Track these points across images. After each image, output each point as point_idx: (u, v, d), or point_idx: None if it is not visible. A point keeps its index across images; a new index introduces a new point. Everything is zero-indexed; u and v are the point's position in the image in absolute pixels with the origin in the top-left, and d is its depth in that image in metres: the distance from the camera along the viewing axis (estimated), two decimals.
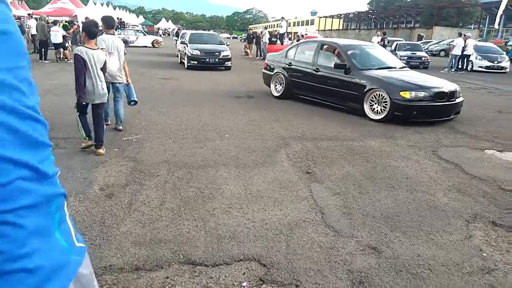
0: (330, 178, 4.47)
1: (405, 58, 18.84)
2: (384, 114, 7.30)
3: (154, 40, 30.81)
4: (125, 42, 28.33)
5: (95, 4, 38.09)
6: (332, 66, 8.32)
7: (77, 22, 25.41)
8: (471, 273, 2.74)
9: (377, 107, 7.48)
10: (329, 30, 55.04)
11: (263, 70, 10.54)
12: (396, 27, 49.83)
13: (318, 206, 3.72)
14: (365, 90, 7.61)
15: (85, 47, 4.75)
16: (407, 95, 7.12)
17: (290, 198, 3.89)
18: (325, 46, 9.20)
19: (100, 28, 5.56)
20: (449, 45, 23.69)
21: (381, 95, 7.39)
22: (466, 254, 2.99)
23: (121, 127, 6.01)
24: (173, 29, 56.82)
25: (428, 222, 3.47)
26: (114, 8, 52.15)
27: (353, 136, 6.31)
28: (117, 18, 38.30)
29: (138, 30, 32.64)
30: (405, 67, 9.09)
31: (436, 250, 3.02)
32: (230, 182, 4.23)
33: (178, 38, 23.58)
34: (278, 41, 24.38)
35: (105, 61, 4.98)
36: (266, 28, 30.59)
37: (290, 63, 9.46)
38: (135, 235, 3.05)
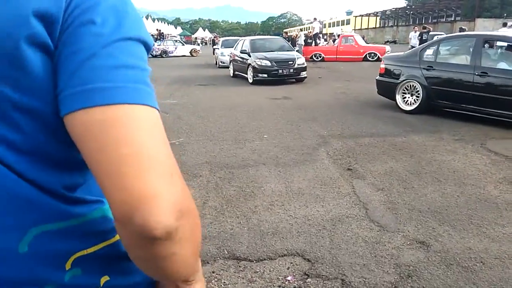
0: (372, 174, 4.39)
1: None
2: None
3: (192, 49, 31.71)
4: (165, 52, 29.44)
5: None
6: None
7: None
8: None
9: None
10: (366, 28, 54.00)
11: (378, 78, 8.31)
12: (436, 22, 48.05)
13: (361, 202, 3.67)
14: None
15: None
16: None
17: (331, 194, 3.86)
18: (490, 42, 7.01)
19: None
20: None
21: None
22: None
23: None
24: (210, 38, 57.96)
25: (478, 215, 3.32)
26: (154, 20, 54.09)
27: (395, 132, 6.16)
28: (157, 29, 39.69)
29: (176, 41, 33.53)
30: None
31: (488, 243, 2.89)
32: (270, 180, 4.25)
33: (215, 46, 24.01)
34: (313, 43, 24.27)
35: None
36: (301, 30, 30.54)
37: (431, 66, 7.36)
38: None
